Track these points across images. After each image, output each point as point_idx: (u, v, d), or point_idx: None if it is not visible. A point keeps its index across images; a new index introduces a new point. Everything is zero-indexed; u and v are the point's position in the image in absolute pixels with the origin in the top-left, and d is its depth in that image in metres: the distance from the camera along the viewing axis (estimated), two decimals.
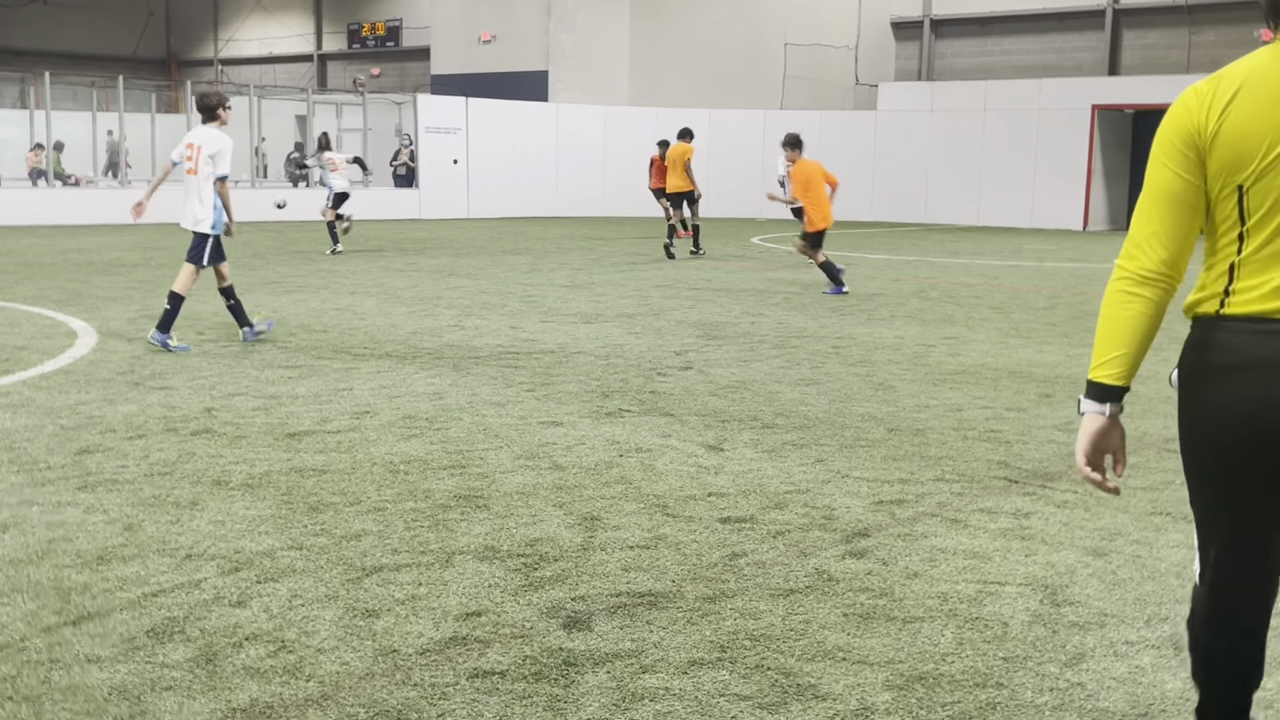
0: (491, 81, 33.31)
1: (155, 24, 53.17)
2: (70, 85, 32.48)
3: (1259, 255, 2.40)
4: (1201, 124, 2.41)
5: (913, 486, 5.63)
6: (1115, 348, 2.49)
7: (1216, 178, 2.41)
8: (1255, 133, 2.36)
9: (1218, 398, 2.43)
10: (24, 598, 4.04)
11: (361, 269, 16.06)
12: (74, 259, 16.88)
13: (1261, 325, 2.38)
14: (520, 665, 3.57)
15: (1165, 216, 2.46)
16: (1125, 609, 4.09)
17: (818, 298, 13.56)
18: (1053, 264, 19.08)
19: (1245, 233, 2.41)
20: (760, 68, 34.21)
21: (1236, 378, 2.39)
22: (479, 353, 9.32)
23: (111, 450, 6.07)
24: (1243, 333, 2.40)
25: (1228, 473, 2.47)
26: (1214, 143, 2.39)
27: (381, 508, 5.15)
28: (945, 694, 3.42)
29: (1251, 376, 2.37)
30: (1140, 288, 2.47)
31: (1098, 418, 2.56)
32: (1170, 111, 2.50)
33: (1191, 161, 2.43)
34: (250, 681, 3.43)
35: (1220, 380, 2.42)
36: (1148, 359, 9.71)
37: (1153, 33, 33.06)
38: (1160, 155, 2.48)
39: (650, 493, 5.44)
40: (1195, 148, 2.43)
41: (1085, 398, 2.56)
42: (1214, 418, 2.44)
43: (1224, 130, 2.39)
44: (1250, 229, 2.40)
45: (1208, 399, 2.45)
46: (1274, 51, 2.36)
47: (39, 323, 10.58)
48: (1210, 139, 2.40)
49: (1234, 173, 2.39)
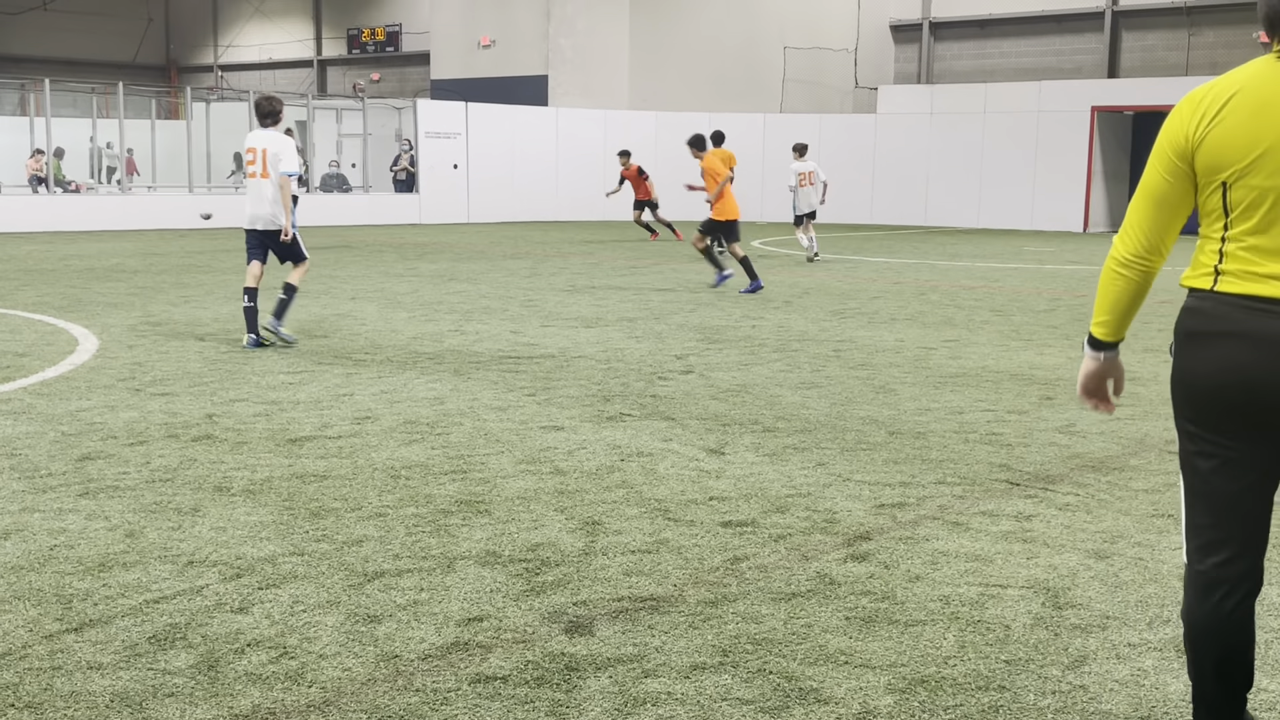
0: (491, 86, 33.34)
1: (155, 30, 53.22)
2: (70, 92, 32.52)
3: (1244, 243, 2.74)
4: (1190, 133, 2.76)
5: (914, 489, 5.63)
6: (1105, 313, 2.97)
7: (1203, 174, 2.77)
8: (1239, 139, 2.68)
9: (1208, 357, 2.78)
10: (25, 605, 4.04)
11: (362, 274, 16.07)
12: (74, 265, 16.90)
13: (1248, 302, 2.72)
14: (522, 670, 3.57)
15: (1151, 212, 2.86)
16: (1127, 611, 4.09)
17: (819, 301, 13.56)
18: (1053, 266, 19.08)
19: (1229, 223, 2.76)
20: (760, 71, 34.24)
21: (1226, 343, 2.75)
22: (480, 357, 9.32)
23: (113, 457, 6.07)
24: (1233, 306, 2.74)
25: (1218, 424, 2.81)
26: (1199, 149, 2.74)
27: (383, 513, 5.15)
28: (947, 697, 3.42)
29: (1240, 344, 2.73)
30: (1124, 269, 2.90)
31: (1093, 360, 3.05)
32: (1169, 117, 2.83)
33: (1178, 168, 2.79)
34: (252, 688, 3.43)
35: (1211, 344, 2.78)
36: (1148, 363, 9.68)
37: (1152, 34, 33.09)
38: (1154, 157, 2.85)
39: (651, 497, 5.44)
40: (1183, 155, 2.78)
41: (1086, 345, 3.06)
42: (1205, 374, 2.79)
43: (1210, 138, 2.72)
44: (1234, 220, 2.75)
45: (1200, 359, 2.81)
46: (1269, 63, 2.66)
47: (40, 329, 10.59)
48: (1196, 146, 2.75)
49: (1217, 172, 2.73)
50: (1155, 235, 2.85)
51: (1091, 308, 13.36)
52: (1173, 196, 2.81)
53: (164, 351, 9.39)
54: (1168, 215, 2.83)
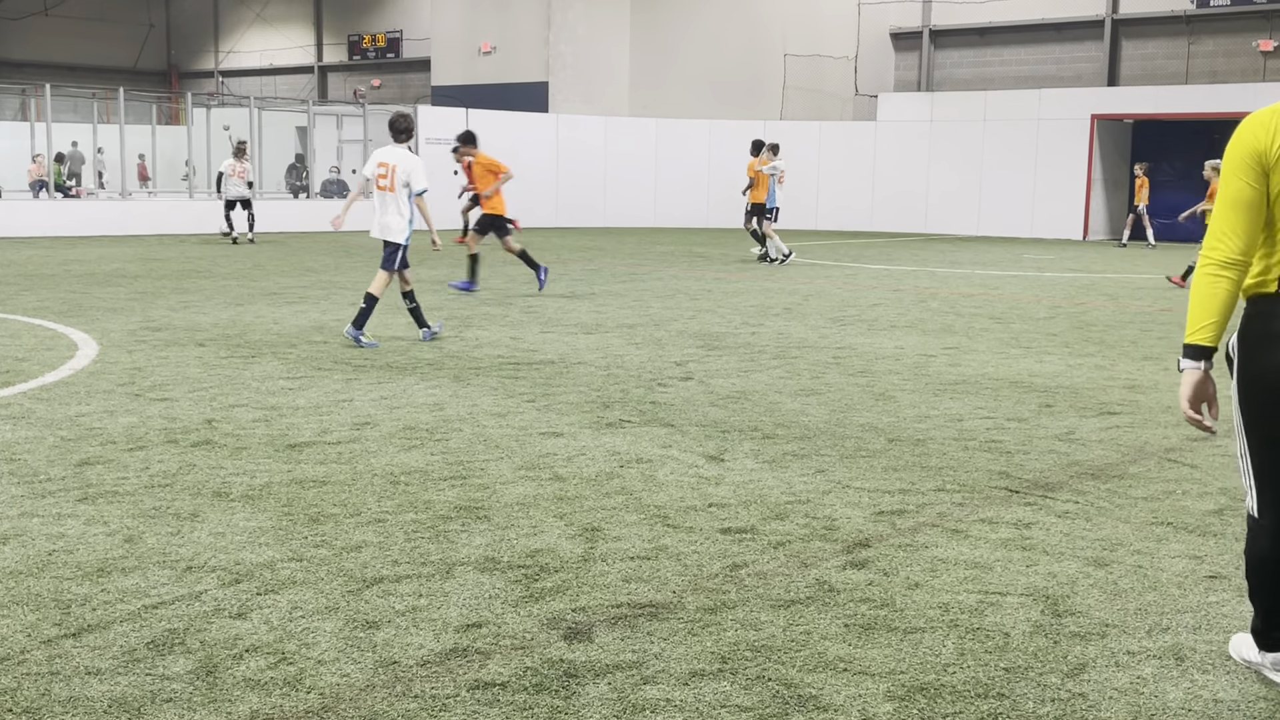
0: (492, 92, 33.37)
1: (156, 36, 53.30)
2: (71, 97, 32.55)
3: None
4: (1267, 147, 3.19)
5: (913, 497, 5.63)
6: (1207, 316, 3.24)
7: (1276, 187, 3.19)
8: None
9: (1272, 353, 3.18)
10: (24, 610, 4.03)
11: (362, 280, 16.07)
12: (75, 270, 16.90)
13: None
14: (521, 677, 3.56)
15: (1240, 217, 3.22)
16: (1127, 619, 4.09)
17: (818, 308, 13.57)
18: (1053, 274, 19.09)
19: None
20: (760, 78, 34.27)
21: None
22: (479, 363, 9.32)
23: (112, 462, 6.07)
24: None
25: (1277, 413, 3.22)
26: (1276, 164, 3.19)
27: (382, 519, 5.14)
28: (947, 705, 3.42)
29: None
30: (1227, 270, 3.22)
31: (1196, 372, 3.30)
32: (1240, 134, 3.26)
33: (1258, 174, 3.21)
34: (250, 693, 3.42)
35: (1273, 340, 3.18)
36: (1147, 370, 9.68)
37: (1152, 43, 33.12)
38: (1234, 168, 3.25)
39: (651, 503, 5.44)
40: (1261, 165, 3.21)
41: (1184, 358, 3.31)
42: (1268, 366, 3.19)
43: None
44: None
45: (1270, 356, 3.19)
46: None
47: (40, 334, 10.59)
48: (1275, 160, 3.18)
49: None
50: (1249, 237, 3.22)
51: (1092, 316, 13.31)
52: (1258, 200, 3.21)
53: (163, 357, 9.39)
54: (1255, 217, 3.22)
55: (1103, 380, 8.95)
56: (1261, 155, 3.19)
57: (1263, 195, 3.22)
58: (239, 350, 9.74)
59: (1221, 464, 6.31)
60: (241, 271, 17.17)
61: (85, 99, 32.41)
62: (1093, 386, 8.67)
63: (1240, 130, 3.27)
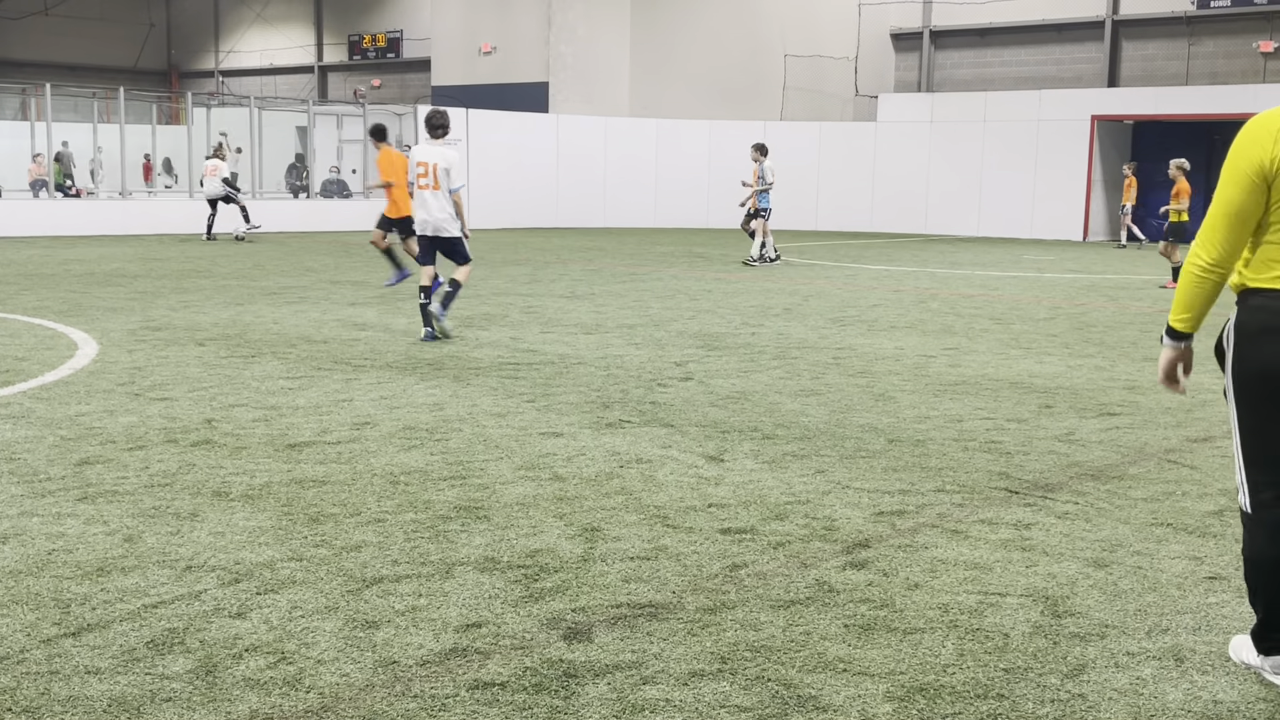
0: (492, 93, 33.37)
1: (156, 35, 53.31)
2: (71, 97, 32.56)
3: None
4: (1270, 159, 3.29)
5: (913, 497, 5.63)
6: (1190, 309, 3.51)
7: (1276, 194, 3.32)
8: None
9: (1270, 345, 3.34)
10: (23, 609, 4.03)
11: (361, 280, 16.08)
12: (74, 270, 16.90)
13: None
14: (520, 677, 3.56)
15: (1231, 229, 3.38)
16: (1126, 620, 4.09)
17: (818, 308, 13.57)
18: (1053, 275, 19.09)
19: None
20: (760, 79, 34.28)
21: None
22: (479, 363, 9.32)
23: (112, 461, 6.07)
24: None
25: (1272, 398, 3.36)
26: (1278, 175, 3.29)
27: (381, 519, 5.14)
28: (946, 705, 3.42)
29: None
30: (1209, 274, 3.43)
31: (1174, 350, 3.61)
32: (1242, 140, 3.35)
33: (1258, 186, 3.33)
34: (250, 693, 3.42)
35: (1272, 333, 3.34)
36: (1146, 371, 9.68)
37: (1152, 44, 33.13)
38: (1231, 180, 3.36)
39: (650, 504, 5.44)
40: (1263, 176, 3.31)
41: (1166, 336, 3.60)
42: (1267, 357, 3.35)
43: None
44: None
45: (1262, 346, 3.36)
46: None
47: (40, 334, 10.59)
48: (1277, 171, 3.29)
49: None
50: (1235, 246, 3.40)
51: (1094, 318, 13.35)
52: (1252, 211, 3.35)
53: (163, 356, 9.39)
54: (1246, 228, 3.38)
55: (1103, 381, 8.95)
56: (1264, 168, 3.29)
57: (1259, 206, 3.34)
58: (239, 350, 9.74)
59: (1221, 465, 6.31)
60: (241, 271, 17.17)
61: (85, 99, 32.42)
62: (1092, 387, 8.68)
63: (1242, 139, 3.35)
